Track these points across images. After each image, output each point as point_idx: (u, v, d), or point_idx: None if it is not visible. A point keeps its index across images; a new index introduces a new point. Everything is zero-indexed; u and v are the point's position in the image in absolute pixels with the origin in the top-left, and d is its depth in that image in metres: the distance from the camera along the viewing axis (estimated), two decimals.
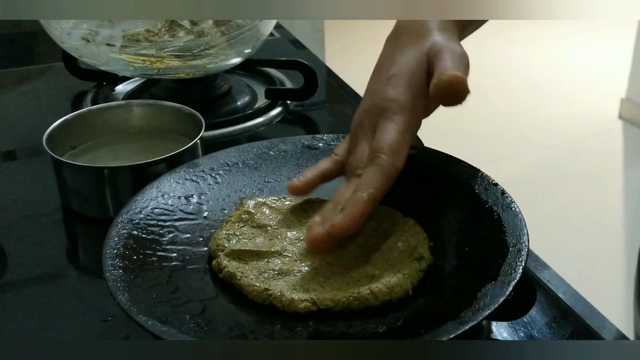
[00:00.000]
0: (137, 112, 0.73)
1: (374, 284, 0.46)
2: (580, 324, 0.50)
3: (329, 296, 0.46)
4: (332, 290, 0.47)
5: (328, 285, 0.47)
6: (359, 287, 0.46)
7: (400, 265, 0.48)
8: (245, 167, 0.60)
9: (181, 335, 0.42)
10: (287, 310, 0.45)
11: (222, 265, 0.49)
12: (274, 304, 0.46)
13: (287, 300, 0.45)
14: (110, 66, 0.81)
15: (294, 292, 0.46)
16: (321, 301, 0.45)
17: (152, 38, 0.79)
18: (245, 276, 0.48)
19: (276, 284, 0.47)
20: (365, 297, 0.45)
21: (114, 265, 0.47)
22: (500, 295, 0.43)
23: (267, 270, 0.49)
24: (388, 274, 0.48)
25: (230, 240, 0.51)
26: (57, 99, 0.93)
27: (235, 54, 0.83)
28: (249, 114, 0.84)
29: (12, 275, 0.59)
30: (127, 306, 0.43)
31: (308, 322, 0.45)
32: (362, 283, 0.47)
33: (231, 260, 0.49)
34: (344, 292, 0.46)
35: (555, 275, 0.55)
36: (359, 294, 0.46)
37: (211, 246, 0.51)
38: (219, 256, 0.50)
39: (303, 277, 0.48)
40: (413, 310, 0.45)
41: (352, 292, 0.46)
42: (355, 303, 0.45)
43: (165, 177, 0.57)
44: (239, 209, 0.55)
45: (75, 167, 0.63)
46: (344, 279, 0.48)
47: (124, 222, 0.51)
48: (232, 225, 0.53)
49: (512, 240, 0.48)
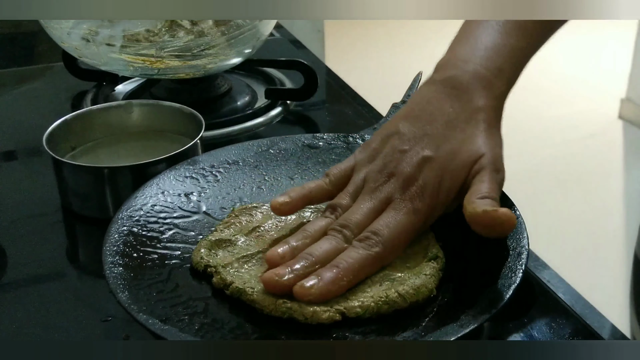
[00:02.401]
0: (137, 112, 0.73)
1: (400, 287, 0.45)
2: (580, 324, 0.50)
3: (356, 303, 0.44)
4: (354, 296, 0.45)
5: (348, 292, 0.45)
6: (386, 291, 0.45)
7: (418, 266, 0.48)
8: (245, 165, 0.60)
9: (182, 335, 0.42)
10: (310, 323, 0.43)
11: (227, 281, 0.46)
12: (295, 317, 0.43)
13: (309, 312, 0.43)
14: (110, 66, 0.81)
15: (313, 304, 0.44)
16: (350, 309, 0.44)
17: (152, 38, 0.79)
18: (256, 291, 0.45)
19: (290, 294, 0.44)
20: (395, 300, 0.44)
21: (114, 263, 0.47)
22: (500, 299, 0.43)
23: None
24: (409, 275, 0.47)
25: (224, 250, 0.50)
26: (57, 99, 0.92)
27: (235, 54, 0.83)
28: (249, 114, 0.84)
29: (12, 275, 0.59)
30: (127, 304, 0.43)
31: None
32: (384, 287, 0.46)
33: (234, 272, 0.47)
34: (372, 298, 0.44)
35: (555, 275, 0.55)
36: (388, 298, 0.44)
37: (195, 258, 0.49)
38: (219, 272, 0.47)
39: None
40: (413, 313, 0.45)
41: (379, 297, 0.44)
42: (385, 307, 0.44)
43: (166, 174, 0.57)
44: (230, 215, 0.54)
45: (75, 167, 0.63)
46: (364, 285, 0.46)
47: (123, 220, 0.51)
48: (221, 232, 0.52)
49: (512, 243, 0.47)
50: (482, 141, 0.48)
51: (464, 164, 0.47)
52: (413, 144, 0.49)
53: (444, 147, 0.48)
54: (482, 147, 0.48)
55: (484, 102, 0.49)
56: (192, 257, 0.49)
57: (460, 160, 0.48)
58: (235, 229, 0.52)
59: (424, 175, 0.47)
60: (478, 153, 0.48)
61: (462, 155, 0.48)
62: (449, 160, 0.48)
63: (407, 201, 0.47)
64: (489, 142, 0.48)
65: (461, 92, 0.50)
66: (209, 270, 0.48)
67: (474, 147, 0.48)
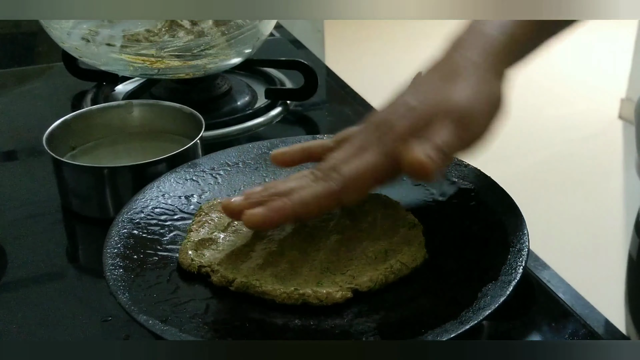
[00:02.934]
0: (137, 112, 0.73)
1: (399, 256, 0.48)
2: (580, 324, 0.50)
3: (366, 278, 0.46)
4: (362, 274, 0.47)
5: (351, 270, 0.48)
6: (390, 263, 0.47)
7: (403, 236, 0.50)
8: (246, 167, 0.60)
9: (182, 335, 0.42)
10: (326, 304, 0.45)
11: (229, 277, 0.47)
12: (309, 302, 0.45)
13: (323, 295, 0.45)
14: (110, 66, 0.81)
15: (323, 285, 0.46)
16: (362, 284, 0.46)
17: (152, 38, 0.79)
18: (264, 282, 0.46)
19: (296, 281, 0.46)
20: (399, 269, 0.47)
21: (114, 265, 0.47)
22: (500, 295, 0.43)
23: (268, 269, 0.48)
24: (400, 245, 0.49)
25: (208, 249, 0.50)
26: (57, 99, 0.92)
27: (235, 54, 0.83)
28: (249, 114, 0.84)
29: (12, 275, 0.59)
30: (127, 305, 0.43)
31: (309, 320, 0.45)
32: (382, 259, 0.48)
33: (231, 267, 0.48)
34: (378, 271, 0.47)
35: (555, 275, 0.55)
36: (393, 268, 0.47)
37: (185, 261, 0.49)
38: (218, 271, 0.48)
39: (320, 267, 0.48)
40: (413, 310, 0.45)
41: (385, 268, 0.47)
42: (392, 277, 0.47)
43: (166, 177, 0.57)
44: (199, 214, 0.54)
45: (75, 167, 0.63)
46: (364, 261, 0.48)
47: (124, 222, 0.51)
48: (198, 232, 0.52)
49: (512, 240, 0.48)
50: (461, 94, 0.47)
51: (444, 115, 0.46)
52: (406, 98, 0.48)
53: (427, 98, 0.47)
54: (458, 100, 0.47)
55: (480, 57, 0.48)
56: (181, 260, 0.49)
57: (435, 108, 0.47)
58: (211, 227, 0.52)
59: (401, 122, 0.47)
60: (452, 104, 0.46)
61: (442, 106, 0.47)
62: (427, 109, 0.47)
63: (379, 145, 0.46)
64: (467, 96, 0.47)
65: (459, 47, 0.50)
66: (203, 270, 0.48)
67: (451, 98, 0.47)
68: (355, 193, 0.47)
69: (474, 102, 0.47)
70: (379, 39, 3.73)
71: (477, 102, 0.47)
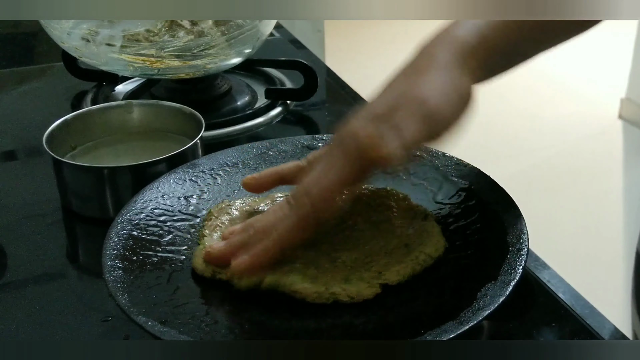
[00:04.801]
0: (137, 112, 0.73)
1: (422, 247, 0.49)
2: (580, 324, 0.50)
3: (394, 272, 0.47)
4: (389, 269, 0.47)
5: (375, 265, 0.48)
6: (413, 253, 0.48)
7: (418, 228, 0.51)
8: (245, 168, 0.60)
9: (181, 336, 0.42)
10: (356, 300, 0.45)
11: (256, 280, 0.47)
12: (339, 300, 0.45)
13: (354, 292, 0.45)
14: (110, 66, 0.81)
15: (351, 283, 0.46)
16: (392, 278, 0.47)
17: (152, 38, 0.79)
18: (294, 281, 0.46)
19: (323, 280, 0.47)
20: (425, 260, 0.48)
21: (113, 266, 0.47)
22: (500, 295, 0.43)
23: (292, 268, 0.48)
24: (420, 238, 0.50)
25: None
26: (57, 99, 0.92)
27: (235, 54, 0.83)
28: (249, 114, 0.84)
29: (12, 275, 0.59)
30: (126, 307, 0.43)
31: (309, 321, 0.45)
32: (404, 252, 0.49)
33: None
34: (405, 264, 0.47)
35: (555, 275, 0.55)
36: (418, 259, 0.48)
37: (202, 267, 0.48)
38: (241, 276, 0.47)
39: (343, 265, 0.48)
40: (413, 311, 0.45)
41: (410, 260, 0.48)
42: (418, 268, 0.48)
43: (165, 178, 0.57)
44: (209, 218, 0.53)
45: (75, 167, 0.63)
46: (386, 255, 0.49)
47: (123, 223, 0.51)
48: (212, 237, 0.51)
49: (512, 240, 0.48)
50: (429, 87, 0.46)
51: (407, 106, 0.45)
52: (370, 105, 0.47)
53: (393, 94, 0.47)
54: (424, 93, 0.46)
55: (447, 55, 0.48)
56: (196, 266, 0.49)
57: (403, 101, 0.46)
58: (222, 230, 0.52)
59: (365, 128, 0.45)
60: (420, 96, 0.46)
61: (406, 97, 0.46)
62: (392, 104, 0.46)
63: (342, 156, 0.45)
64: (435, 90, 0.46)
65: (427, 47, 0.50)
66: (218, 276, 0.48)
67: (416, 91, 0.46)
68: (327, 209, 0.46)
69: (438, 94, 0.46)
70: (379, 39, 3.73)
71: (442, 95, 0.46)
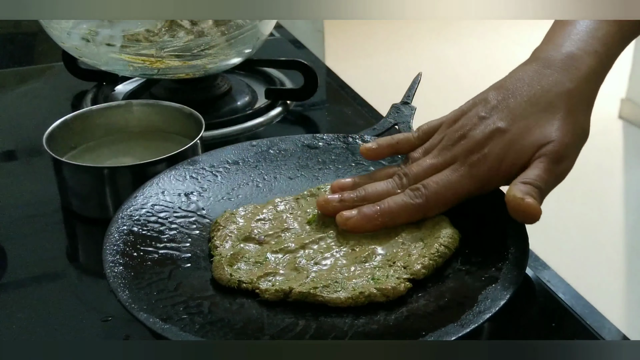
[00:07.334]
0: (137, 112, 0.73)
1: (440, 240, 0.49)
2: (580, 324, 0.50)
3: (419, 266, 0.47)
4: (413, 263, 0.48)
5: (398, 261, 0.48)
6: (434, 246, 0.49)
7: (428, 221, 0.51)
8: (245, 165, 0.60)
9: (183, 334, 0.42)
10: (392, 298, 0.46)
11: (285, 289, 0.46)
12: (375, 300, 0.46)
13: (389, 290, 0.46)
14: (110, 66, 0.81)
15: (378, 281, 0.46)
16: (418, 272, 0.47)
17: (152, 38, 0.79)
18: (325, 289, 0.46)
19: (350, 282, 0.47)
20: (444, 252, 0.49)
21: (114, 262, 0.47)
22: (501, 298, 0.43)
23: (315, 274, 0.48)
24: (436, 232, 0.50)
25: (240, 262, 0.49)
26: (57, 99, 0.92)
27: (235, 54, 0.83)
28: (249, 114, 0.84)
29: (12, 275, 0.59)
30: (127, 303, 0.43)
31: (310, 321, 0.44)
32: (421, 246, 0.49)
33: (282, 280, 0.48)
34: (427, 257, 0.48)
35: (555, 275, 0.55)
36: (439, 252, 0.49)
37: (226, 277, 0.48)
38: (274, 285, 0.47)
39: (366, 264, 0.49)
40: (414, 313, 0.45)
41: (432, 254, 0.48)
42: (440, 260, 0.48)
43: (166, 174, 0.57)
44: (217, 228, 0.53)
45: (75, 167, 0.63)
46: (404, 251, 0.49)
47: (124, 219, 0.51)
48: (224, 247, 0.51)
49: (512, 241, 0.48)
50: (555, 127, 0.49)
51: (531, 145, 0.48)
52: (493, 113, 0.51)
53: (518, 124, 0.49)
54: (552, 134, 0.48)
55: (571, 85, 0.50)
56: (219, 276, 0.48)
57: (529, 140, 0.49)
58: (233, 239, 0.52)
59: (491, 145, 0.49)
60: (547, 138, 0.48)
61: (531, 136, 0.49)
62: (519, 138, 0.49)
63: (466, 165, 0.50)
64: (561, 130, 0.49)
65: (552, 71, 0.51)
66: (244, 286, 0.47)
67: (545, 132, 0.49)
68: (439, 210, 0.51)
69: (568, 138, 0.49)
70: (379, 39, 3.73)
71: (571, 137, 0.49)
